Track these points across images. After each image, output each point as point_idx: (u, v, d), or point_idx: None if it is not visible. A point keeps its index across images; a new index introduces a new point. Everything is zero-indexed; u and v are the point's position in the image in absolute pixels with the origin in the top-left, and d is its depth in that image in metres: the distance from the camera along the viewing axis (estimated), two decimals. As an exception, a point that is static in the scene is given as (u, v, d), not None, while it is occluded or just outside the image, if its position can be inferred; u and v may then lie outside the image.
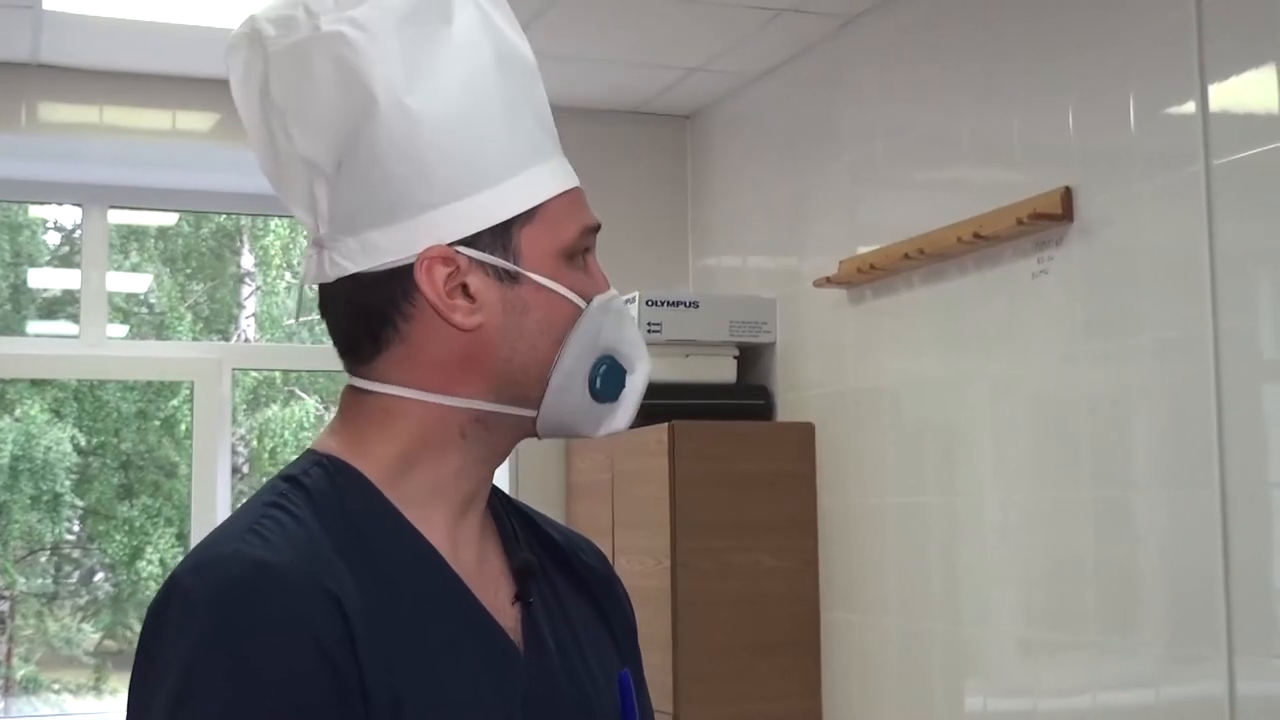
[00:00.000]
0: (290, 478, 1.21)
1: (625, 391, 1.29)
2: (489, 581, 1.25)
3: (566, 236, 1.25)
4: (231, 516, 1.20)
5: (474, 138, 1.22)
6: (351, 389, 1.26)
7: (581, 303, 1.25)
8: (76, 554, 7.24)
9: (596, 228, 1.28)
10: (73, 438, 6.72)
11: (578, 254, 1.26)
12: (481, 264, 1.22)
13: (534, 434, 1.28)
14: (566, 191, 1.26)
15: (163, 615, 1.11)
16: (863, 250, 3.66)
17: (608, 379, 1.27)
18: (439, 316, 1.21)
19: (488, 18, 1.26)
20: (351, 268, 1.22)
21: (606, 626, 1.36)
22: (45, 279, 6.98)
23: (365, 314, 1.23)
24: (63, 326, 6.59)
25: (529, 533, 1.36)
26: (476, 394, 1.23)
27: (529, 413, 1.25)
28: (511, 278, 1.22)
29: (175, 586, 1.12)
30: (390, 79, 1.20)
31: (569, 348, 1.24)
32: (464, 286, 1.21)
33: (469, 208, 1.21)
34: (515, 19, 1.30)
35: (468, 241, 1.21)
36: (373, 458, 1.22)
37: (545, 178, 1.25)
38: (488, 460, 1.26)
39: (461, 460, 1.24)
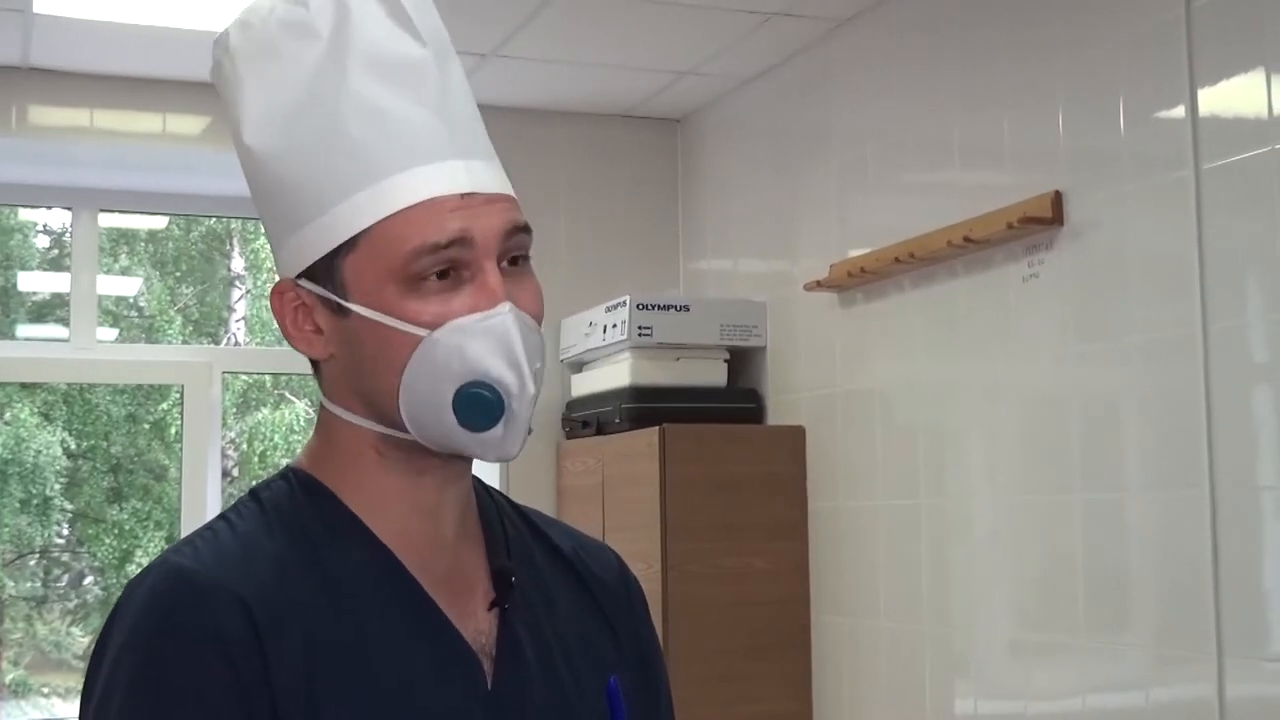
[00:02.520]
0: (253, 491, 1.25)
1: (505, 416, 1.16)
2: (462, 588, 1.24)
3: (396, 260, 1.14)
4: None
5: (299, 168, 1.18)
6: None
7: (419, 331, 1.14)
8: (66, 557, 7.22)
9: (453, 242, 1.14)
10: (62, 441, 6.70)
11: (426, 275, 1.14)
12: (318, 296, 1.19)
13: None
14: (409, 208, 1.14)
15: (109, 622, 1.17)
16: (853, 253, 3.66)
17: (468, 408, 1.15)
18: None
19: (352, 23, 1.18)
20: None
21: (606, 635, 1.33)
22: (35, 282, 6.96)
23: None
24: (52, 330, 6.58)
25: (531, 538, 1.34)
26: (364, 417, 1.22)
27: (412, 437, 1.19)
28: (342, 310, 1.18)
29: (122, 595, 1.18)
30: (236, 118, 1.22)
31: (408, 378, 1.15)
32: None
33: (299, 241, 1.19)
34: (410, 9, 1.20)
35: (308, 274, 1.19)
36: (331, 471, 1.24)
37: (373, 200, 1.15)
38: (426, 471, 1.22)
39: (391, 477, 1.22)
